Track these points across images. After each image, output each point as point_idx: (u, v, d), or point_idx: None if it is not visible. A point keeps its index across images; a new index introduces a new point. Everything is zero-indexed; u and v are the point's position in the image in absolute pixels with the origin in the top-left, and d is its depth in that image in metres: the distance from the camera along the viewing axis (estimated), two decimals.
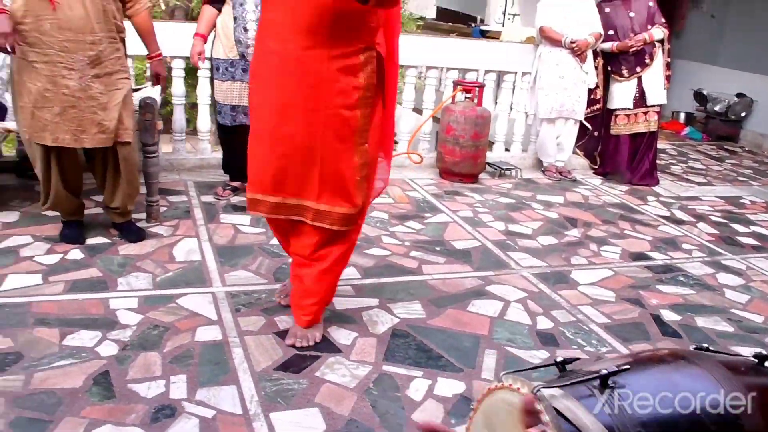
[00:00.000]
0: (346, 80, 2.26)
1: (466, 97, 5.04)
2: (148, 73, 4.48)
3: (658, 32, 5.42)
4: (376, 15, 2.25)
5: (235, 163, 4.16)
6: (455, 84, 5.19)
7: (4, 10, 2.91)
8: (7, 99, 3.83)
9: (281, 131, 2.33)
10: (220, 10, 3.93)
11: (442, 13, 11.06)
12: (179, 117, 4.69)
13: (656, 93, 5.53)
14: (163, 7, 5.41)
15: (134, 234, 3.50)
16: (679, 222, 4.78)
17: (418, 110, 5.59)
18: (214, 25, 3.97)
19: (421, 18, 10.15)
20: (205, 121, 4.80)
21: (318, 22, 2.15)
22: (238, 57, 3.90)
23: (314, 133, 2.31)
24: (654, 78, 5.50)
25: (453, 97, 5.08)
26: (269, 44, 2.27)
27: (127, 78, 3.28)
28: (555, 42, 5.26)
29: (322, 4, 2.11)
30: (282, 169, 2.37)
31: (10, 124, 3.64)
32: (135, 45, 3.51)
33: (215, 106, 4.09)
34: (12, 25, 2.94)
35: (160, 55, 3.57)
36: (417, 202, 4.54)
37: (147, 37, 3.44)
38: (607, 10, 5.49)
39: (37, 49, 3.01)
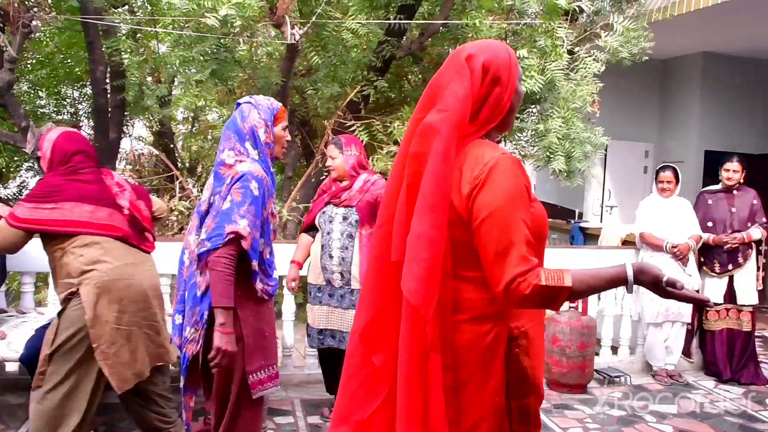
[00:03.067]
0: None
1: (570, 307, 5.08)
2: None
3: (757, 232, 5.44)
4: None
5: (334, 384, 4.25)
6: None
7: None
8: None
9: None
10: (314, 237, 4.14)
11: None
12: (288, 333, 4.90)
13: (747, 293, 5.48)
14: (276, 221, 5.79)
15: None
16: None
17: None
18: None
19: None
20: (289, 335, 4.96)
21: None
22: (324, 283, 4.01)
23: None
24: (745, 278, 5.48)
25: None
26: None
27: None
28: (656, 247, 5.34)
29: None
30: None
31: None
32: None
33: (307, 328, 4.20)
34: None
35: None
36: None
37: None
38: (710, 201, 5.59)
39: None
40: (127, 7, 6.51)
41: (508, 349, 1.85)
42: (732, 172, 5.50)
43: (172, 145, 7.72)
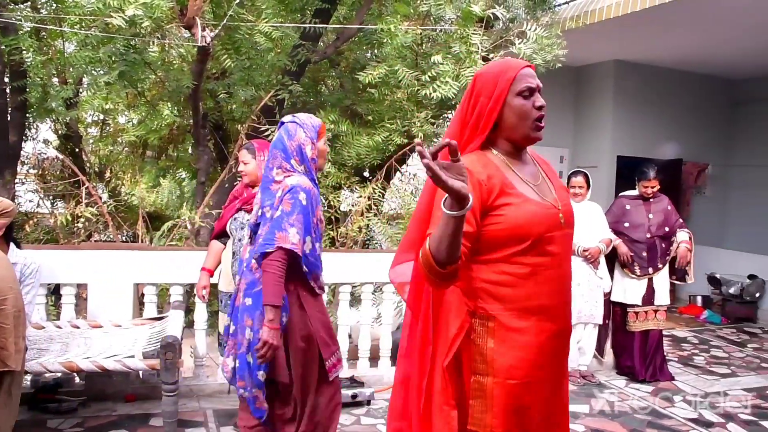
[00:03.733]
0: None
1: None
2: (172, 299, 4.67)
3: (684, 234, 5.65)
4: None
5: None
6: None
7: None
8: None
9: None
10: (225, 244, 4.06)
11: None
12: (200, 342, 4.77)
13: (663, 294, 5.69)
14: (188, 227, 5.64)
15: None
16: (708, 425, 4.69)
17: None
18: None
19: None
20: (201, 344, 4.84)
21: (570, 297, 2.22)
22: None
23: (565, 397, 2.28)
24: (663, 280, 5.68)
25: None
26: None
27: None
28: None
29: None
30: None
31: None
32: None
33: (219, 337, 4.10)
34: None
35: None
36: None
37: None
38: (628, 207, 5.76)
39: None
40: (29, 3, 6.19)
41: (471, 324, 2.04)
42: (650, 188, 5.68)
43: (77, 149, 7.41)
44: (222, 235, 4.07)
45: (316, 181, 3.09)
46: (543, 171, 2.22)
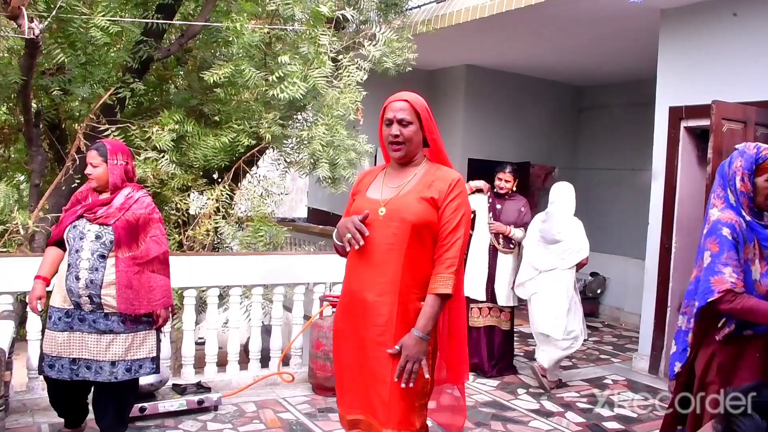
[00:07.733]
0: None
1: (333, 312, 5.11)
2: (0, 309, 4.35)
3: (519, 232, 5.78)
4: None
5: (73, 416, 3.92)
6: (322, 299, 5.28)
7: None
8: None
9: (360, 363, 2.73)
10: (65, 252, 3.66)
11: (314, 214, 11.41)
12: (33, 354, 4.47)
13: (505, 296, 5.84)
14: (22, 232, 5.27)
15: None
16: (548, 414, 4.94)
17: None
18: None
19: (293, 221, 10.44)
20: (34, 356, 4.50)
21: (392, 277, 2.64)
22: (72, 307, 3.55)
23: (383, 364, 2.64)
24: (503, 282, 5.84)
25: (321, 313, 5.16)
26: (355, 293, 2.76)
27: None
28: None
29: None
30: (361, 392, 2.75)
31: None
32: None
33: (42, 359, 3.63)
34: None
35: None
36: (290, 425, 4.45)
37: None
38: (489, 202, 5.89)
39: None
40: None
41: None
42: (504, 181, 5.81)
43: None
44: (61, 243, 3.66)
45: (744, 216, 2.77)
46: (420, 181, 2.72)
